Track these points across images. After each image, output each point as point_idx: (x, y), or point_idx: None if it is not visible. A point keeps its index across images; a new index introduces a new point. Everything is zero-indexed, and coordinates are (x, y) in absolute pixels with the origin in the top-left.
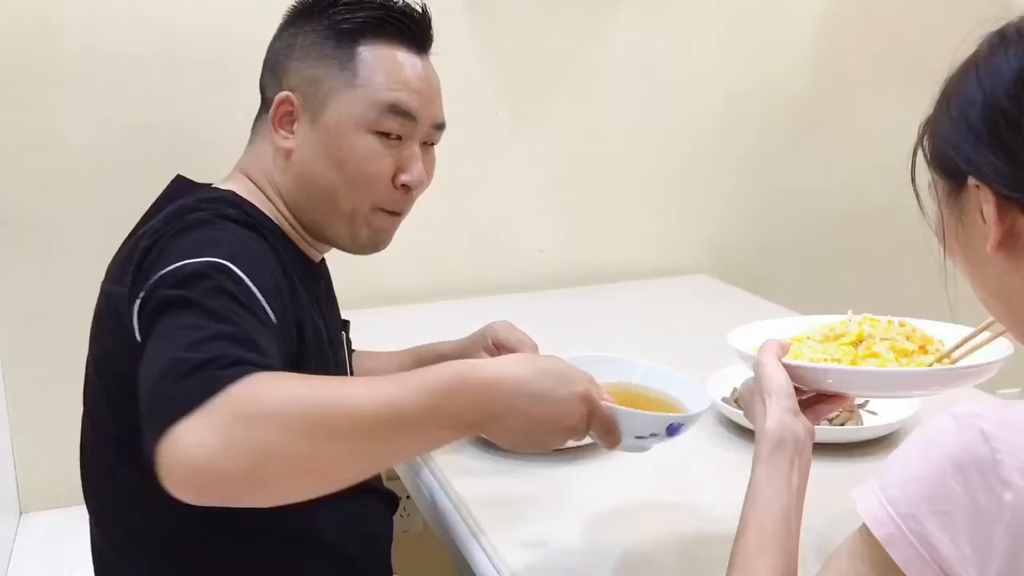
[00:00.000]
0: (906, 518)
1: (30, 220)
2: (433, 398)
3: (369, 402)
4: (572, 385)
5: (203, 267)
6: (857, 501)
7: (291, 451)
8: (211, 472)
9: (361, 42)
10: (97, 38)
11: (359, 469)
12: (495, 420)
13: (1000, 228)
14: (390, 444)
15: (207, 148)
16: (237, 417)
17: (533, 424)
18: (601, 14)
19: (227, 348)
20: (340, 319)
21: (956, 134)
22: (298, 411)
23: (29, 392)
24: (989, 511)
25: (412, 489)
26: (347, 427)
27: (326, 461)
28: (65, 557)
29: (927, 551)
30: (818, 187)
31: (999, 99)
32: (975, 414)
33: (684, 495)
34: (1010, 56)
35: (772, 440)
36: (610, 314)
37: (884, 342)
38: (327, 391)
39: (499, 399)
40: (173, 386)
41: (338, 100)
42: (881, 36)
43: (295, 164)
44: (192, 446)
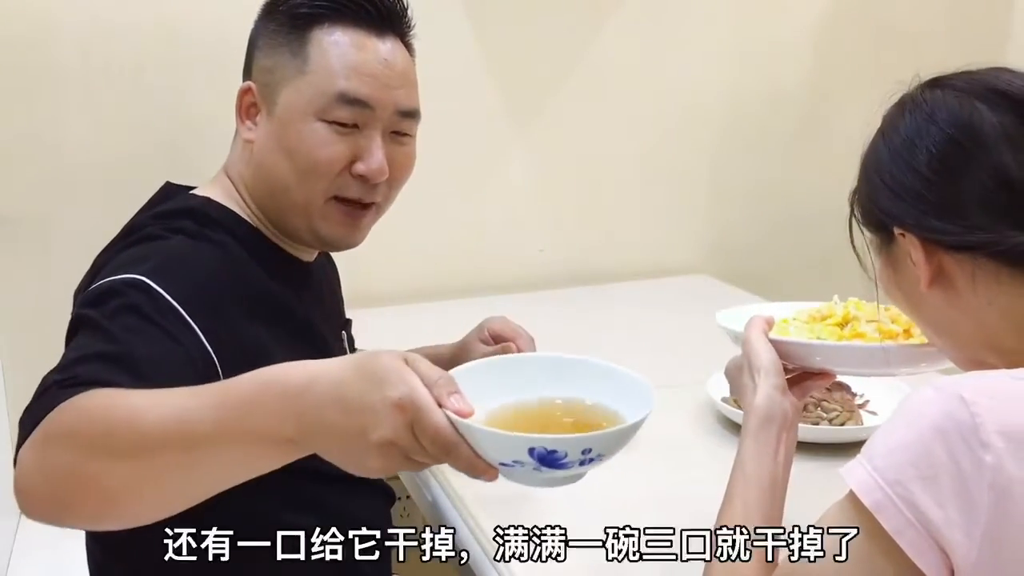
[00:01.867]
0: (893, 484)
1: (30, 220)
2: (232, 411)
3: (152, 419)
4: (385, 388)
5: (117, 284)
6: (845, 475)
7: (82, 470)
8: (26, 495)
9: (315, 28)
10: (97, 38)
11: (155, 492)
12: (312, 438)
13: (929, 268)
14: (182, 465)
15: (207, 148)
16: (46, 439)
17: (344, 439)
18: (601, 14)
19: (90, 371)
20: (343, 318)
21: (875, 191)
22: (85, 428)
23: (29, 392)
24: (972, 473)
25: (412, 489)
26: (128, 444)
27: (116, 483)
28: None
29: (914, 515)
30: (818, 187)
31: (905, 159)
32: (954, 382)
33: (684, 495)
34: (909, 122)
35: (760, 416)
36: (610, 314)
37: (870, 324)
38: (120, 409)
39: (309, 408)
40: (28, 405)
41: (288, 88)
42: (881, 36)
43: (255, 156)
44: (19, 469)
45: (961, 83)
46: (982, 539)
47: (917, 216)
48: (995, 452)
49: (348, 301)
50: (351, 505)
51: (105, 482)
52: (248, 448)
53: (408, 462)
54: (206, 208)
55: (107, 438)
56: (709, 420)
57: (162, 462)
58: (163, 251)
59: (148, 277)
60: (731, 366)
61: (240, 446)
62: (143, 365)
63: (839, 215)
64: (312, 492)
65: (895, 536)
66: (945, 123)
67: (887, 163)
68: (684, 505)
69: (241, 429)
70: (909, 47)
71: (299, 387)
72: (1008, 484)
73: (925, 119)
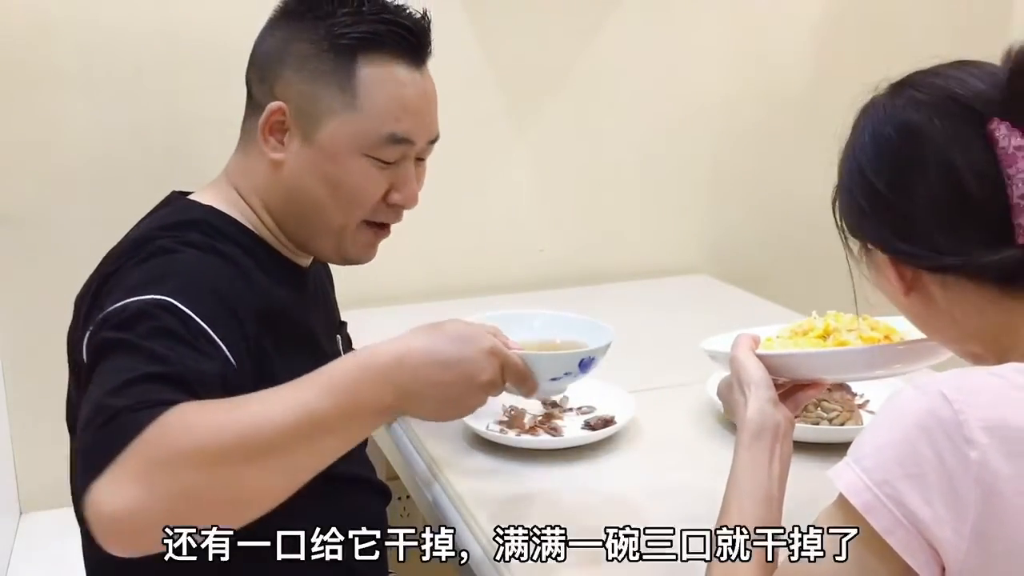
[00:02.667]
0: (881, 484)
1: (30, 220)
2: (344, 395)
3: (280, 417)
4: (478, 342)
5: (145, 306)
6: (834, 478)
7: (213, 483)
8: (136, 524)
9: (360, 59)
10: (97, 38)
11: (287, 483)
12: (410, 398)
13: (903, 283)
14: (313, 450)
15: (207, 149)
16: (152, 464)
17: (448, 390)
18: (601, 15)
19: (150, 391)
20: (337, 321)
21: (847, 203)
22: (213, 442)
23: (29, 392)
24: (957, 470)
25: (412, 489)
26: (264, 446)
27: (252, 484)
28: (65, 557)
29: (903, 514)
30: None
31: (866, 172)
32: (935, 380)
33: (684, 494)
34: (869, 127)
35: (752, 429)
36: (610, 314)
37: (851, 332)
38: (241, 414)
39: (407, 376)
40: (93, 435)
41: (335, 121)
42: (881, 36)
43: (285, 178)
44: (112, 502)
45: (919, 85)
46: (971, 535)
47: (884, 237)
48: (980, 448)
49: (348, 302)
50: (349, 504)
51: (240, 488)
52: (359, 421)
53: (491, 395)
54: (211, 219)
55: (240, 445)
56: (709, 420)
57: (295, 453)
58: (181, 268)
59: (174, 298)
60: (722, 386)
61: (353, 421)
62: (193, 383)
63: None
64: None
65: (885, 536)
66: (899, 136)
67: (854, 177)
68: (684, 505)
69: (354, 407)
70: (909, 47)
71: (392, 363)
72: (994, 479)
73: (879, 124)
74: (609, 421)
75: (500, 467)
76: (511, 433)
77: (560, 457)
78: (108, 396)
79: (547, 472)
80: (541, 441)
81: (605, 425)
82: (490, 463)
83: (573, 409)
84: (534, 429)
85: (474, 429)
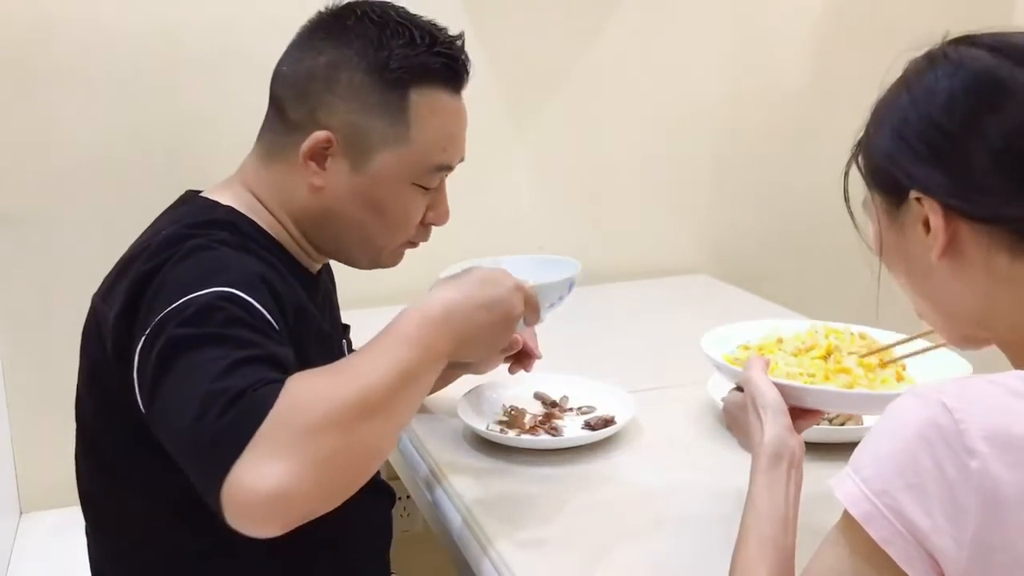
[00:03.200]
0: (880, 494)
1: (30, 220)
2: (420, 348)
3: (384, 373)
4: (504, 281)
5: (211, 299)
6: (835, 488)
7: (351, 443)
8: (292, 499)
9: (411, 90)
10: (97, 38)
11: (396, 431)
12: (463, 343)
13: (945, 236)
14: (408, 399)
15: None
16: (295, 435)
17: (493, 329)
18: (601, 15)
19: (259, 371)
20: (340, 324)
21: (895, 151)
22: (341, 405)
23: (29, 392)
24: (958, 480)
25: (412, 489)
26: (378, 401)
27: (376, 440)
28: (65, 557)
29: (903, 525)
30: (818, 187)
31: (933, 116)
32: (935, 389)
33: (684, 493)
34: (939, 76)
35: (770, 453)
36: (610, 314)
37: (851, 356)
38: (351, 376)
39: (460, 324)
40: (217, 422)
41: (386, 152)
42: (881, 36)
43: (326, 201)
44: (264, 481)
45: (993, 41)
46: (971, 545)
47: (940, 181)
48: (980, 457)
49: (348, 302)
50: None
51: (369, 444)
52: (433, 370)
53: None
54: (234, 219)
55: (363, 403)
56: (709, 420)
57: (399, 404)
58: (230, 262)
59: (236, 289)
60: (731, 404)
61: (430, 370)
62: (285, 364)
63: (839, 215)
64: None
65: (884, 545)
66: (975, 78)
67: (909, 118)
68: (684, 504)
69: (430, 357)
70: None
71: (443, 314)
72: (995, 488)
73: (954, 73)
74: (609, 421)
75: (500, 467)
76: (511, 433)
77: (560, 457)
78: (216, 383)
79: (547, 472)
80: (541, 441)
81: (605, 425)
82: (490, 463)
83: (573, 409)
84: (534, 429)
85: (474, 429)
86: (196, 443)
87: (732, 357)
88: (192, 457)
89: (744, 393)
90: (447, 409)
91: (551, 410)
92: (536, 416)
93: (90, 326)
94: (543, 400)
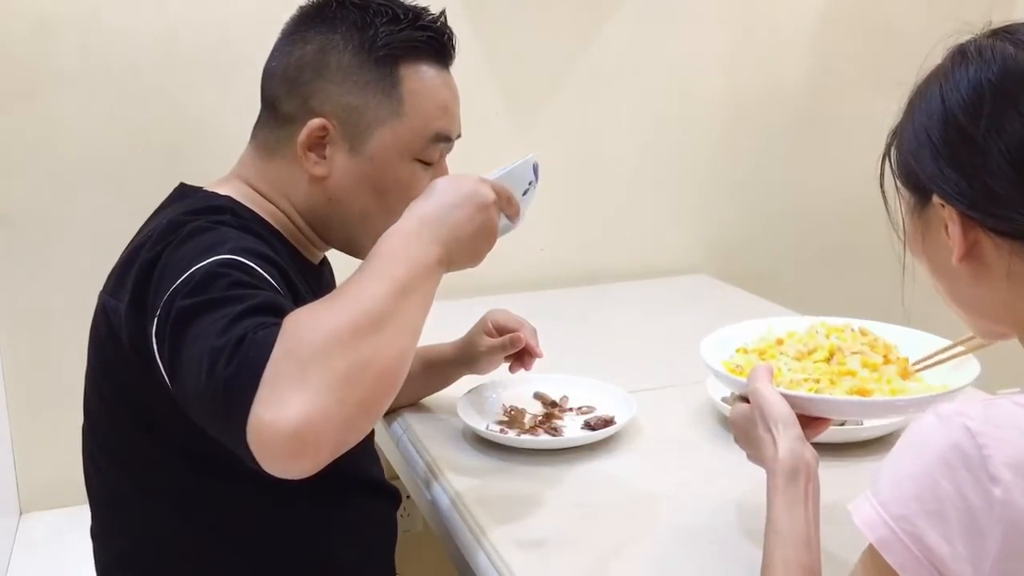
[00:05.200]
0: (898, 519)
1: (30, 220)
2: (408, 261)
3: (377, 289)
4: (466, 178)
5: (213, 267)
6: (853, 512)
7: (361, 359)
8: (316, 424)
9: (401, 65)
10: (97, 38)
11: (411, 338)
12: (451, 246)
13: (964, 244)
14: (408, 313)
15: (207, 148)
16: (302, 364)
17: (471, 222)
18: (602, 15)
19: (257, 319)
20: None
21: (919, 148)
22: (341, 325)
23: (29, 392)
24: (980, 507)
25: (412, 489)
26: (380, 314)
27: (389, 350)
28: (65, 557)
29: (921, 551)
30: (818, 187)
31: (956, 115)
32: (959, 412)
33: (684, 493)
34: (969, 73)
35: (786, 470)
36: (610, 314)
37: (855, 355)
38: (346, 299)
39: (438, 226)
40: (225, 370)
41: (383, 130)
42: (881, 36)
43: (329, 190)
44: (285, 415)
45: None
46: (991, 573)
47: (963, 190)
48: (1004, 485)
49: None
50: (363, 507)
51: (382, 356)
52: (429, 278)
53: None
54: (236, 208)
55: (365, 319)
56: (709, 420)
57: (402, 313)
58: (230, 236)
59: (238, 256)
60: (738, 417)
61: (426, 280)
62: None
63: (839, 214)
64: (327, 494)
65: (900, 571)
66: (1000, 78)
67: (936, 114)
68: (684, 505)
69: (420, 267)
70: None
71: (417, 227)
72: (1017, 518)
73: (979, 70)
74: (609, 421)
75: (500, 467)
76: (511, 433)
77: (560, 457)
78: (218, 338)
79: (547, 472)
80: (541, 441)
81: (605, 425)
82: (490, 463)
83: (573, 409)
84: (534, 429)
85: (474, 429)
86: (211, 397)
87: (732, 364)
88: (212, 414)
89: (751, 405)
90: (447, 409)
91: (551, 410)
92: (536, 416)
93: (99, 324)
94: (543, 400)
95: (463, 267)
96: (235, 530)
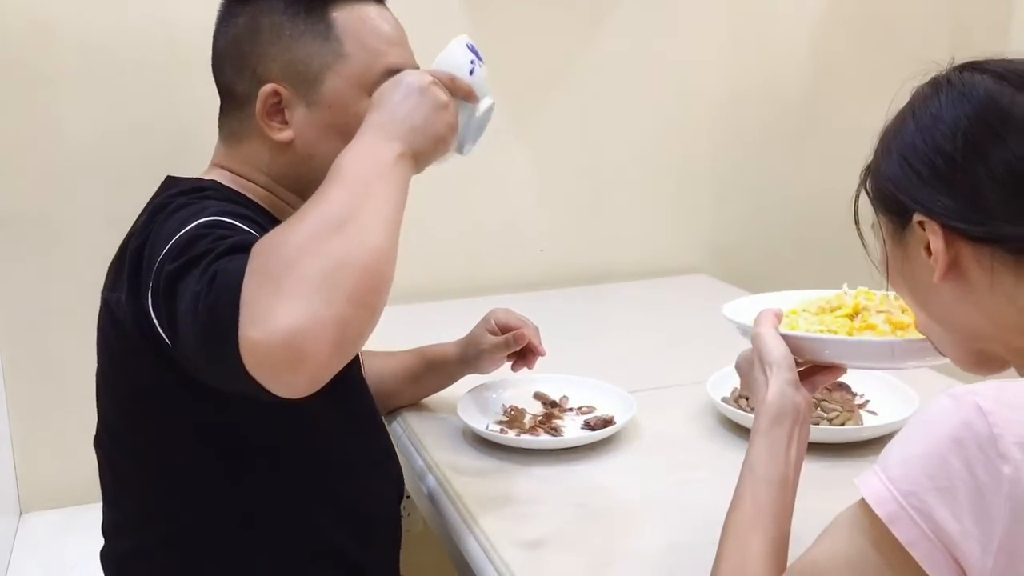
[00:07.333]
0: (908, 495)
1: (30, 220)
2: (364, 162)
3: (337, 193)
4: (397, 77)
5: (195, 230)
6: (860, 485)
7: (336, 259)
8: (308, 330)
9: (331, 8)
10: (97, 38)
11: (388, 226)
12: (407, 134)
13: (946, 259)
14: (377, 207)
15: (207, 148)
16: (277, 275)
17: (420, 107)
18: (601, 15)
19: (229, 256)
20: None
21: (900, 176)
22: (309, 231)
23: (29, 392)
24: (989, 485)
25: (412, 489)
26: (343, 212)
27: (363, 247)
28: (65, 557)
29: (930, 528)
30: (817, 187)
31: (938, 142)
32: (971, 392)
33: (684, 494)
34: (943, 103)
35: (772, 412)
36: (610, 314)
37: (880, 314)
38: (304, 212)
39: (388, 120)
40: (205, 305)
41: (332, 75)
42: (881, 36)
43: (301, 150)
44: (270, 326)
45: (998, 68)
46: (998, 551)
47: (943, 204)
48: (1013, 464)
49: None
50: (365, 498)
51: (359, 252)
52: (389, 174)
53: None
54: (218, 187)
55: (326, 221)
56: (709, 420)
57: (369, 213)
58: (213, 205)
59: (220, 216)
60: (741, 360)
61: (385, 176)
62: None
63: (839, 215)
64: (330, 485)
65: (909, 547)
66: (979, 105)
67: (915, 144)
68: (684, 505)
69: (380, 164)
70: (909, 47)
71: (367, 127)
72: None
73: (958, 100)
74: (609, 421)
75: (500, 467)
76: (511, 433)
77: (560, 457)
78: (197, 284)
79: (547, 472)
80: (541, 441)
81: (605, 425)
82: (490, 463)
83: (573, 409)
84: (534, 429)
85: (474, 429)
86: (202, 340)
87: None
88: (209, 357)
89: (752, 348)
90: (447, 409)
91: (551, 410)
92: (536, 416)
93: (103, 320)
94: (543, 400)
95: (433, 155)
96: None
